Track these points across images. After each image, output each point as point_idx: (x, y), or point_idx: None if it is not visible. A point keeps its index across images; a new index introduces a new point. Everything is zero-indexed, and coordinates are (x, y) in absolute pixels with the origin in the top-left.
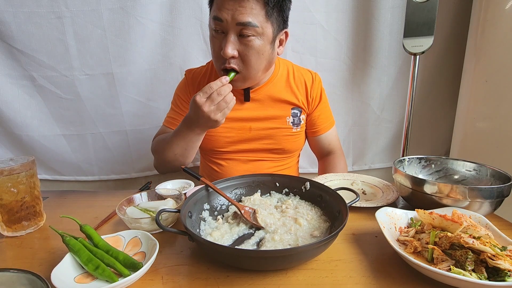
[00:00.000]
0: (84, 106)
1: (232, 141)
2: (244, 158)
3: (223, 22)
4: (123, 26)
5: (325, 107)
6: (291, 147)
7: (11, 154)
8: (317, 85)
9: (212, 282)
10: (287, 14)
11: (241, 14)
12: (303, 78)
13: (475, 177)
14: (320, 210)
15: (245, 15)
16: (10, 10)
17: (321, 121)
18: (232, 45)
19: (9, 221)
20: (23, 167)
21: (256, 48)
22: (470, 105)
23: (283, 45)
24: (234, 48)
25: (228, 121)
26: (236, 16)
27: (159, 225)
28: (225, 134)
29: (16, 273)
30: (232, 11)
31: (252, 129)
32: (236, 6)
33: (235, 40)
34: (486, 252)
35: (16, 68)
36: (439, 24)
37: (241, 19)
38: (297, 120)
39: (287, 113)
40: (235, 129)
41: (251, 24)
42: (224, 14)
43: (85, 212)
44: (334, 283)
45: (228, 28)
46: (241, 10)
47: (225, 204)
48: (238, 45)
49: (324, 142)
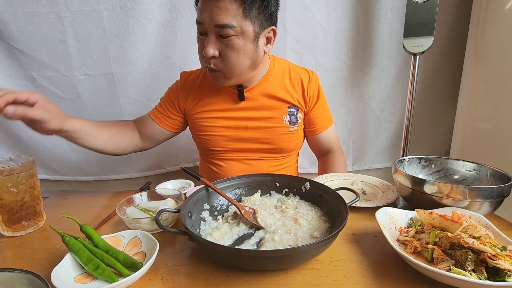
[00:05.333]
0: (84, 106)
1: (228, 140)
2: (242, 158)
3: (204, 24)
4: (123, 26)
5: (323, 105)
6: (289, 146)
7: (11, 154)
8: (314, 83)
9: (212, 282)
10: (271, 10)
11: (217, 16)
12: (299, 77)
13: (475, 177)
14: (320, 210)
15: (221, 17)
16: (10, 10)
17: (319, 120)
18: (212, 45)
19: (9, 221)
20: (23, 167)
21: (236, 48)
22: (470, 105)
23: (271, 43)
24: (215, 48)
25: (224, 120)
26: (213, 18)
27: (159, 225)
28: (221, 133)
29: (16, 273)
30: (209, 12)
31: (248, 128)
32: (213, 7)
33: (215, 40)
34: (486, 252)
35: (16, 68)
36: (439, 24)
37: (217, 21)
38: (294, 119)
39: (283, 112)
40: (231, 128)
41: (227, 26)
42: (203, 16)
43: (85, 212)
44: (334, 283)
45: (208, 29)
46: (217, 11)
47: (225, 204)
48: (218, 45)
49: (323, 141)
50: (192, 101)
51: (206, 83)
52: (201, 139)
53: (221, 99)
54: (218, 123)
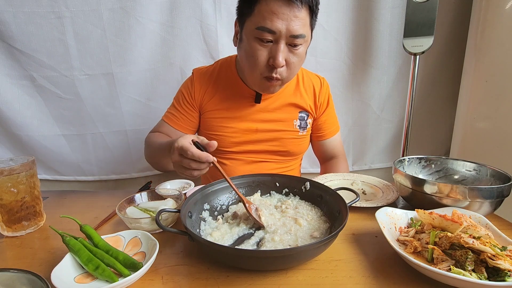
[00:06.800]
0: (84, 106)
1: (237, 142)
2: (248, 158)
3: (276, 33)
4: (123, 26)
5: (331, 112)
6: (296, 150)
7: (11, 154)
8: (325, 90)
9: (212, 282)
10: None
11: (295, 26)
12: (311, 83)
13: (475, 177)
14: (320, 210)
15: (298, 27)
16: (10, 10)
17: (327, 126)
18: (283, 54)
19: (9, 221)
20: (23, 167)
21: (301, 56)
22: (470, 105)
23: None
24: (283, 57)
25: (235, 121)
26: (291, 28)
27: (159, 225)
28: (231, 134)
29: (16, 273)
30: (286, 22)
31: (258, 131)
32: (291, 17)
33: (285, 49)
34: (486, 252)
35: (16, 68)
36: (439, 24)
37: (295, 31)
38: (303, 124)
39: (294, 116)
40: (241, 130)
41: (301, 36)
42: (278, 26)
43: (85, 212)
44: (334, 283)
45: (280, 38)
46: (295, 21)
47: (225, 204)
48: (286, 53)
49: (328, 147)
50: (207, 95)
51: (221, 80)
52: (210, 138)
53: (236, 99)
54: (229, 123)
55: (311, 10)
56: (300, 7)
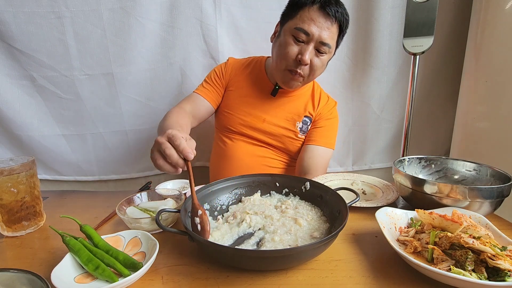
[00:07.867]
0: (84, 106)
1: (244, 125)
2: (249, 141)
3: (309, 35)
4: (123, 26)
5: (330, 127)
6: (293, 150)
7: (11, 154)
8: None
9: (212, 282)
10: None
11: (326, 35)
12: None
13: (475, 177)
14: (320, 210)
15: (328, 36)
16: (10, 10)
17: (318, 134)
18: (310, 55)
19: (9, 221)
20: (23, 167)
21: (323, 62)
22: (470, 105)
23: None
24: (309, 57)
25: (248, 106)
26: (322, 35)
27: (159, 225)
28: (241, 116)
29: (16, 273)
30: (320, 29)
31: (265, 121)
32: (324, 26)
33: (312, 51)
34: (486, 252)
35: (16, 68)
36: (439, 24)
37: (324, 39)
38: (305, 128)
39: (299, 118)
40: (251, 114)
41: (328, 45)
42: (313, 30)
43: (85, 212)
44: (334, 283)
45: (310, 41)
46: (327, 31)
47: (225, 204)
48: (312, 55)
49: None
50: (234, 79)
51: (250, 71)
52: (222, 114)
53: (256, 88)
54: (243, 106)
55: (340, 29)
56: (333, 21)
